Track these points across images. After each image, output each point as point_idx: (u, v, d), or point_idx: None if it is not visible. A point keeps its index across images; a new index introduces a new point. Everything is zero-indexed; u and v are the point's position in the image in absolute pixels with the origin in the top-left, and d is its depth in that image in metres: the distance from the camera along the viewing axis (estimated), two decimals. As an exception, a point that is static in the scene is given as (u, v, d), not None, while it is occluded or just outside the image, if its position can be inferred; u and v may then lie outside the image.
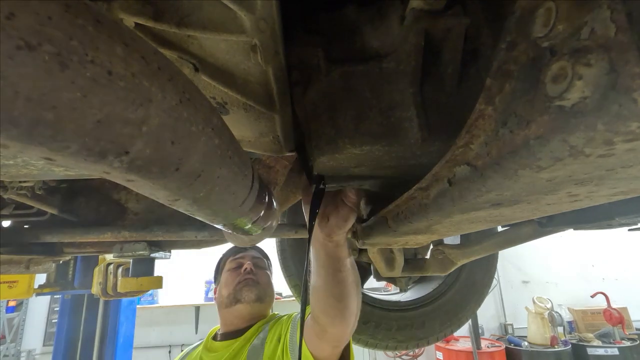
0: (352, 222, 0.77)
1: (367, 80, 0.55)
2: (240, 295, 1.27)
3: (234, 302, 1.27)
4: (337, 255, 0.80)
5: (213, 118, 0.33)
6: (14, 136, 0.19)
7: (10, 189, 0.87)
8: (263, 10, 0.40)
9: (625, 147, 0.21)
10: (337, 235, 0.77)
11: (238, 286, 1.28)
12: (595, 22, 0.19)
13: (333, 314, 0.86)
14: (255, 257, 1.41)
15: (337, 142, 0.55)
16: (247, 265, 1.34)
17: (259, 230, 0.64)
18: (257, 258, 1.42)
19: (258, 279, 1.32)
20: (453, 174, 0.38)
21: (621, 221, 0.80)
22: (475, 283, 1.78)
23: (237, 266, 1.36)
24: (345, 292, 0.84)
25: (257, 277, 1.33)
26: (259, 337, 1.19)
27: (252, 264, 1.36)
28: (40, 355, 5.08)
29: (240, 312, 1.26)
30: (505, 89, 0.27)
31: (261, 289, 1.30)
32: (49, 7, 0.18)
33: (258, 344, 1.17)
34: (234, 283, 1.29)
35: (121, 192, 1.20)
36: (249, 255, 1.41)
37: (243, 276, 1.31)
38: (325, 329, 0.90)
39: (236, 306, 1.26)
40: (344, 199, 0.75)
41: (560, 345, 4.54)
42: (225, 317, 1.31)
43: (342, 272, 0.81)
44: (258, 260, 1.41)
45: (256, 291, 1.28)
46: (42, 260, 1.20)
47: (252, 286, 1.28)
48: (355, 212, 0.77)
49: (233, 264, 1.37)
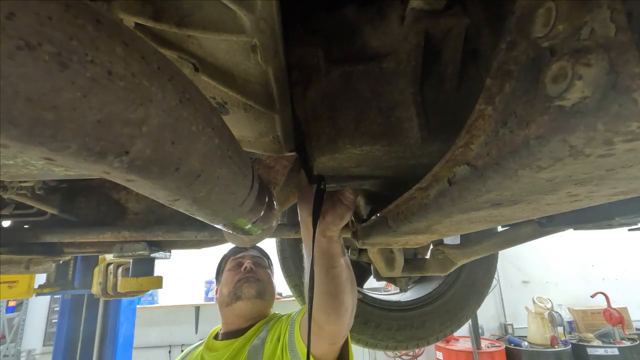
0: (347, 220, 0.79)
1: (367, 80, 0.55)
2: (240, 292, 1.27)
3: (234, 300, 1.27)
4: (331, 252, 0.81)
5: (213, 118, 0.33)
6: (14, 136, 0.19)
7: (10, 189, 0.87)
8: (263, 10, 0.40)
9: (625, 147, 0.21)
10: (330, 232, 0.79)
11: (238, 283, 1.29)
12: (595, 22, 0.19)
13: (328, 311, 0.87)
14: (255, 257, 1.42)
15: (337, 142, 0.55)
16: (247, 264, 1.35)
17: (259, 230, 0.64)
18: (258, 257, 1.43)
19: (258, 277, 1.33)
20: (453, 174, 0.38)
21: (621, 221, 0.80)
22: (475, 283, 1.78)
23: (237, 265, 1.37)
24: (339, 289, 0.85)
25: (258, 275, 1.33)
26: (260, 337, 1.19)
27: (252, 262, 1.37)
28: (40, 355, 5.08)
29: (241, 310, 1.27)
30: (505, 89, 0.27)
31: (261, 286, 1.31)
32: (49, 7, 0.18)
33: (258, 343, 1.17)
34: (234, 281, 1.30)
35: (121, 192, 1.20)
36: (249, 254, 1.42)
37: (243, 274, 1.32)
38: (321, 326, 0.90)
39: (237, 304, 1.26)
40: (341, 197, 0.77)
41: (560, 345, 4.54)
42: (226, 316, 1.31)
43: (335, 268, 0.83)
44: (258, 259, 1.42)
45: (256, 287, 1.28)
46: (42, 260, 1.20)
47: (252, 282, 1.29)
48: (351, 210, 0.78)
49: (233, 264, 1.38)
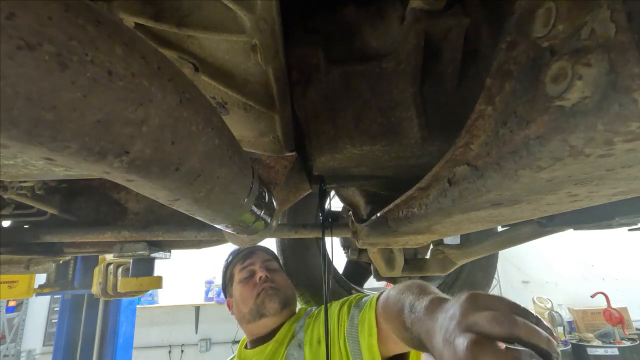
0: None
1: (367, 80, 0.55)
2: (264, 310, 1.15)
3: (258, 318, 1.17)
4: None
5: (213, 118, 0.33)
6: (14, 136, 0.19)
7: (10, 189, 0.87)
8: (263, 10, 0.40)
9: (625, 147, 0.21)
10: None
11: (258, 299, 1.17)
12: (595, 22, 0.19)
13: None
14: (265, 261, 1.30)
15: (337, 142, 0.55)
16: (260, 273, 1.23)
17: (259, 230, 0.64)
18: (268, 261, 1.31)
19: (277, 285, 1.22)
20: (453, 174, 0.38)
21: (621, 221, 0.80)
22: (475, 283, 1.78)
23: (249, 275, 1.25)
24: None
25: (276, 283, 1.22)
26: (297, 339, 1.09)
27: (265, 269, 1.25)
28: (40, 355, 5.08)
29: (268, 326, 1.18)
30: (505, 89, 0.27)
31: (282, 295, 1.20)
32: (49, 7, 0.18)
33: (295, 347, 1.07)
34: (253, 296, 1.19)
35: (121, 192, 1.20)
36: (259, 259, 1.29)
37: (260, 286, 1.20)
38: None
39: (261, 321, 1.17)
40: None
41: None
42: (251, 331, 1.22)
43: None
44: (269, 263, 1.30)
45: (279, 300, 1.18)
46: (42, 260, 1.19)
47: (273, 296, 1.18)
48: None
49: (244, 274, 1.26)
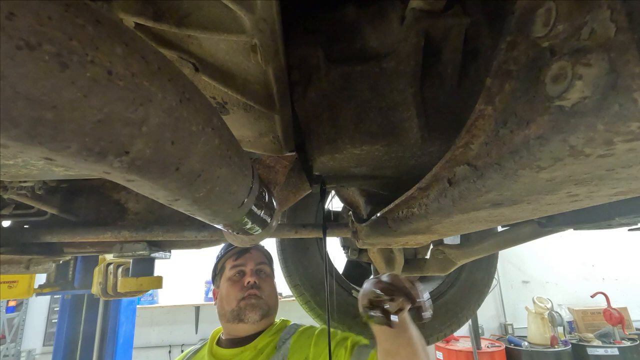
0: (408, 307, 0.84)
1: (367, 80, 0.55)
2: (243, 316, 1.20)
3: (237, 321, 1.20)
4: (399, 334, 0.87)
5: (213, 118, 0.33)
6: (14, 136, 0.19)
7: (10, 189, 0.87)
8: (263, 10, 0.40)
9: (625, 147, 0.21)
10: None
11: (241, 303, 1.21)
12: (595, 22, 0.19)
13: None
14: (258, 264, 1.31)
15: (337, 142, 0.55)
16: (249, 279, 1.25)
17: (259, 230, 0.64)
18: (261, 264, 1.32)
19: (262, 293, 1.24)
20: (453, 174, 0.38)
21: (621, 221, 0.80)
22: (475, 283, 1.78)
23: (239, 276, 1.27)
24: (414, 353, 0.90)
25: (262, 292, 1.25)
26: (277, 358, 1.14)
27: (255, 274, 1.27)
28: (40, 355, 5.08)
29: (245, 329, 1.22)
30: (505, 89, 0.27)
31: (265, 306, 1.23)
32: (49, 7, 0.18)
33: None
34: (237, 299, 1.22)
35: (121, 192, 1.20)
36: (252, 261, 1.29)
37: (246, 291, 1.23)
38: None
39: (239, 325, 1.21)
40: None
41: (560, 345, 4.54)
42: (228, 330, 1.25)
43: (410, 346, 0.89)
44: (261, 267, 1.31)
45: (260, 312, 1.21)
46: (42, 260, 1.20)
47: (255, 306, 1.21)
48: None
49: (234, 272, 1.27)
